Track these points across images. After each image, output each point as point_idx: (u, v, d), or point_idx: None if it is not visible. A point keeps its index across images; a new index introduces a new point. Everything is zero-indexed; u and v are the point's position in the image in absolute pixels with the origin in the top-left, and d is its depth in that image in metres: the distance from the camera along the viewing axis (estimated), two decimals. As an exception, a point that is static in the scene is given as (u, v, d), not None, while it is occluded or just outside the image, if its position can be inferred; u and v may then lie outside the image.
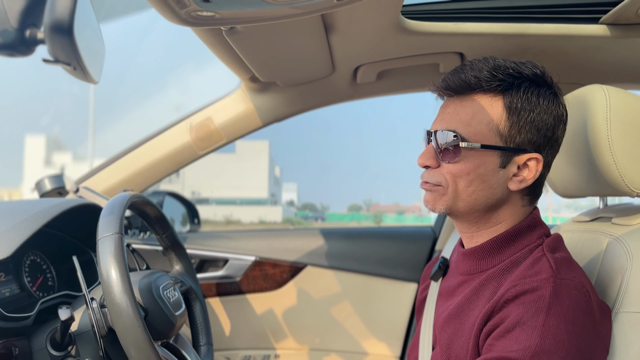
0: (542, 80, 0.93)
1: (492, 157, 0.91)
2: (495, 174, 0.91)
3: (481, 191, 0.92)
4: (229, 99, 1.62)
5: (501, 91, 0.91)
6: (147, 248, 1.76)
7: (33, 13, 0.56)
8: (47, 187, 1.57)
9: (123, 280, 0.93)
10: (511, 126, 0.90)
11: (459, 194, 0.93)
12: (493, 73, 0.90)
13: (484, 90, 0.91)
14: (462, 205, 0.93)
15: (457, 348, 0.92)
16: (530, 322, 0.79)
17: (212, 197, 35.59)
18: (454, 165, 0.92)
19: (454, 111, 0.93)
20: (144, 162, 1.66)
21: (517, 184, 0.92)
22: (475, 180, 0.91)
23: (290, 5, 0.62)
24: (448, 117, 0.94)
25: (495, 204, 0.93)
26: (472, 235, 0.98)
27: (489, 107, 0.91)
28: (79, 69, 0.61)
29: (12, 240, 1.04)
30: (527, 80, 0.92)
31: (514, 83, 0.91)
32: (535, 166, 0.91)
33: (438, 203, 0.95)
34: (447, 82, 0.94)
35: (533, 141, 0.91)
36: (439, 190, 0.94)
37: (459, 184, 0.92)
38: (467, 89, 0.92)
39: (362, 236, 1.94)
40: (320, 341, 1.86)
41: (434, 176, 0.95)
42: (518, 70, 0.91)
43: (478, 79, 0.90)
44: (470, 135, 0.91)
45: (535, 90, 0.91)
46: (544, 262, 0.87)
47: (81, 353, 1.05)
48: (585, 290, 0.83)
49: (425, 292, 1.16)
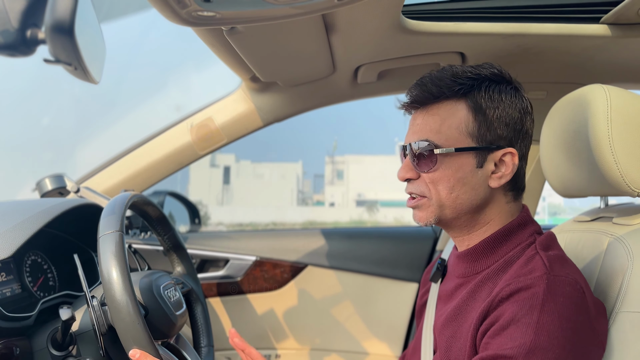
0: (501, 78, 0.96)
1: (468, 159, 0.93)
2: (474, 175, 0.93)
3: (464, 194, 0.93)
4: (230, 99, 1.62)
5: (463, 94, 0.94)
6: (148, 248, 1.76)
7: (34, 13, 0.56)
8: (47, 187, 1.57)
9: (123, 278, 0.93)
10: (479, 125, 0.93)
11: (443, 201, 0.94)
12: (452, 79, 0.94)
13: (447, 97, 0.94)
14: (449, 213, 0.95)
15: (456, 350, 0.93)
16: (525, 319, 0.80)
17: (378, 199, 35.57)
18: (432, 173, 0.94)
19: (422, 122, 0.96)
20: (145, 162, 1.66)
21: (497, 180, 0.94)
22: (457, 184, 0.93)
23: (291, 5, 0.62)
24: (418, 129, 0.96)
25: (480, 204, 0.95)
26: (464, 238, 0.99)
27: (454, 112, 0.94)
28: (80, 69, 0.61)
29: (13, 240, 1.04)
30: (487, 80, 0.95)
31: (474, 85, 0.94)
32: (511, 160, 0.93)
33: (427, 216, 0.96)
34: (411, 96, 0.97)
35: (504, 136, 0.94)
36: (424, 202, 0.96)
37: (441, 192, 0.94)
38: (430, 99, 0.95)
39: (363, 236, 1.94)
40: (321, 341, 1.86)
41: (417, 186, 0.96)
42: (476, 72, 0.95)
43: (439, 87, 0.94)
44: (443, 141, 0.93)
45: (496, 87, 0.94)
46: (537, 260, 0.88)
47: (82, 353, 1.05)
48: (579, 287, 0.84)
49: (425, 296, 1.16)
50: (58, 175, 1.59)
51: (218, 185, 36.18)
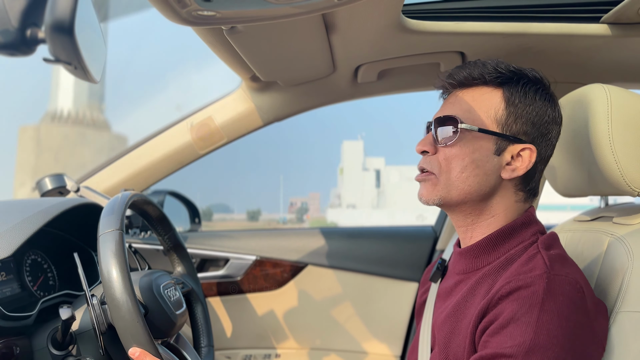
0: (541, 82, 0.97)
1: (487, 143, 0.94)
2: (489, 160, 0.93)
3: (475, 177, 0.93)
4: (230, 98, 1.62)
5: (501, 83, 0.95)
6: (148, 248, 1.76)
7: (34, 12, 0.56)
8: (47, 187, 1.57)
9: (123, 276, 0.93)
10: (508, 115, 0.94)
11: (452, 181, 0.94)
12: (496, 68, 0.95)
13: (485, 82, 0.96)
14: (455, 194, 0.95)
15: (454, 347, 0.93)
16: (524, 318, 0.80)
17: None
18: (450, 148, 0.94)
19: (455, 100, 0.98)
20: (145, 162, 1.66)
21: (509, 172, 0.94)
22: (470, 165, 0.93)
23: (291, 5, 0.62)
24: (449, 106, 0.98)
25: (488, 192, 0.95)
26: (467, 229, 0.99)
27: (488, 97, 0.95)
28: (80, 69, 0.61)
29: (13, 239, 1.04)
30: (526, 78, 0.96)
31: (514, 78, 0.95)
32: (528, 157, 0.94)
33: (432, 194, 0.96)
34: (452, 75, 0.99)
35: (528, 133, 0.94)
36: (432, 179, 0.96)
37: (452, 170, 0.94)
38: (469, 79, 0.97)
39: (363, 236, 1.94)
40: (321, 341, 1.86)
41: (430, 162, 0.97)
42: (519, 69, 0.97)
43: (481, 73, 0.95)
44: (469, 120, 0.94)
45: (533, 87, 0.95)
46: (539, 259, 0.87)
47: (82, 352, 1.05)
48: (579, 287, 0.84)
49: (425, 295, 1.16)
50: (58, 174, 1.59)
51: (371, 189, 35.76)
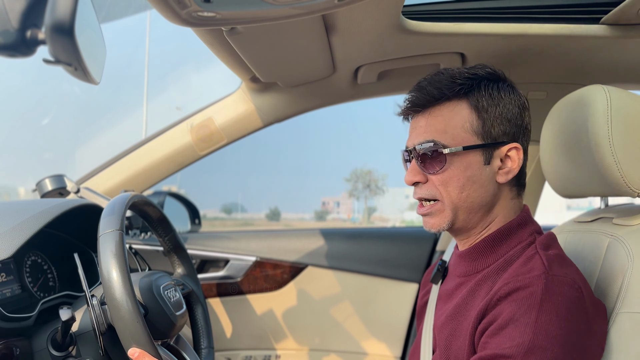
0: (497, 77, 0.98)
1: (475, 157, 0.94)
2: (482, 172, 0.94)
3: (474, 192, 0.94)
4: (230, 99, 1.62)
5: (464, 94, 0.95)
6: (148, 249, 1.76)
7: (34, 13, 0.56)
8: (48, 188, 1.58)
9: (123, 276, 0.93)
10: (483, 123, 0.94)
11: (456, 202, 0.94)
12: (451, 80, 0.95)
13: (448, 98, 0.95)
14: (462, 215, 0.95)
15: (455, 349, 0.93)
16: (523, 318, 0.81)
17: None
18: (442, 174, 0.94)
19: (426, 124, 0.96)
20: (145, 163, 1.66)
21: (504, 175, 0.95)
22: (467, 183, 0.94)
23: (291, 6, 0.62)
24: (422, 131, 0.96)
25: (490, 201, 0.96)
26: (469, 235, 1.00)
27: (457, 111, 0.95)
28: (80, 70, 0.61)
29: (13, 240, 1.04)
30: (484, 79, 0.96)
31: (473, 84, 0.95)
32: (517, 155, 0.95)
33: (440, 222, 0.96)
34: (411, 101, 0.98)
35: (507, 132, 0.95)
36: (438, 208, 0.96)
37: (452, 192, 0.94)
38: (432, 101, 0.96)
39: (363, 236, 1.94)
40: (321, 341, 1.86)
41: (427, 190, 0.96)
42: (473, 73, 0.96)
43: (439, 89, 0.95)
44: (449, 141, 0.93)
45: (494, 85, 0.96)
46: (537, 259, 0.88)
47: (82, 353, 1.05)
48: (577, 287, 0.84)
49: (425, 297, 1.16)
50: (58, 175, 1.59)
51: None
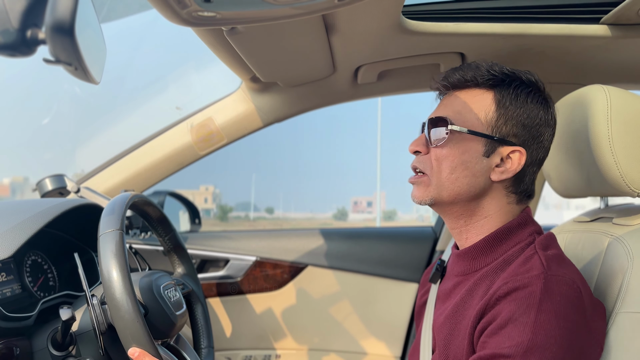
0: (534, 85, 0.97)
1: (477, 145, 0.95)
2: (478, 161, 0.94)
3: (464, 178, 0.95)
4: (230, 99, 1.62)
5: (492, 85, 0.96)
6: (148, 248, 1.76)
7: (34, 13, 0.56)
8: (48, 187, 1.58)
9: (123, 276, 0.93)
10: (498, 117, 0.94)
11: (443, 181, 0.95)
12: (489, 70, 0.96)
13: (477, 84, 0.97)
14: (446, 195, 0.96)
15: (454, 348, 0.93)
16: (522, 318, 0.81)
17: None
18: (440, 149, 0.96)
19: (448, 102, 1.00)
20: (145, 163, 1.66)
21: (498, 174, 0.95)
22: (459, 166, 0.95)
23: (291, 6, 0.62)
24: (442, 108, 1.00)
25: (478, 193, 0.96)
26: (461, 230, 1.00)
27: (480, 99, 0.96)
28: (80, 70, 0.61)
29: (13, 240, 1.04)
30: (519, 81, 0.97)
31: (506, 80, 0.96)
32: (518, 159, 0.94)
33: (424, 194, 0.98)
34: (445, 77, 1.00)
35: (518, 135, 0.95)
36: (424, 180, 0.98)
37: (443, 170, 0.95)
38: (462, 82, 0.98)
39: (363, 236, 1.94)
40: (321, 341, 1.86)
41: (422, 161, 0.99)
42: (512, 71, 0.97)
43: (474, 75, 0.96)
44: (459, 121, 0.95)
45: (525, 89, 0.96)
46: (536, 259, 0.88)
47: (82, 353, 1.05)
48: (576, 286, 0.84)
49: (424, 296, 1.16)
50: (58, 175, 1.59)
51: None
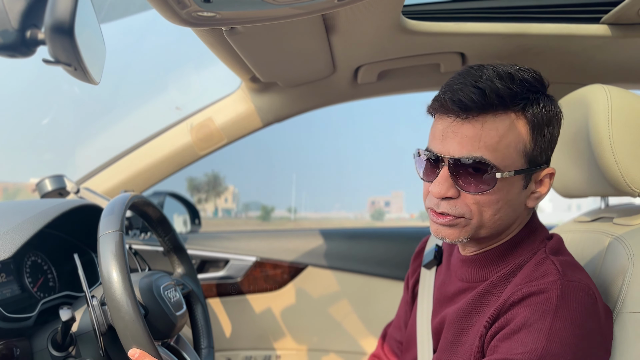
0: (544, 87, 0.89)
1: (518, 181, 0.86)
2: (519, 196, 0.88)
3: (506, 215, 0.87)
4: (230, 99, 1.62)
5: (522, 108, 0.84)
6: (148, 249, 1.76)
7: (34, 14, 0.56)
8: (47, 188, 1.57)
9: (123, 277, 0.93)
10: (535, 146, 0.85)
11: (485, 222, 0.87)
12: (511, 89, 0.82)
13: (506, 108, 0.82)
14: (484, 232, 0.88)
15: (460, 354, 0.91)
16: (537, 324, 0.78)
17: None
18: (481, 195, 0.84)
19: (474, 134, 0.82)
20: (145, 163, 1.66)
21: (534, 200, 0.90)
22: (503, 207, 0.86)
23: (291, 6, 0.62)
24: (468, 142, 0.82)
25: (514, 221, 0.91)
26: (474, 243, 0.95)
27: (514, 128, 0.83)
28: (80, 70, 0.61)
29: (13, 240, 1.04)
30: (539, 92, 0.86)
31: (533, 98, 0.84)
32: (549, 181, 0.90)
33: (460, 235, 0.88)
34: (462, 100, 0.82)
35: (547, 153, 0.89)
36: (461, 222, 0.87)
37: (485, 214, 0.85)
38: (487, 108, 0.81)
39: (363, 236, 1.94)
40: (321, 341, 1.86)
41: (457, 207, 0.85)
42: (535, 83, 0.85)
43: (501, 97, 0.81)
44: (499, 162, 0.82)
45: (547, 101, 0.87)
46: (549, 264, 0.86)
47: (82, 353, 1.05)
48: (591, 293, 0.83)
49: (415, 287, 1.13)
50: (58, 176, 1.59)
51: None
